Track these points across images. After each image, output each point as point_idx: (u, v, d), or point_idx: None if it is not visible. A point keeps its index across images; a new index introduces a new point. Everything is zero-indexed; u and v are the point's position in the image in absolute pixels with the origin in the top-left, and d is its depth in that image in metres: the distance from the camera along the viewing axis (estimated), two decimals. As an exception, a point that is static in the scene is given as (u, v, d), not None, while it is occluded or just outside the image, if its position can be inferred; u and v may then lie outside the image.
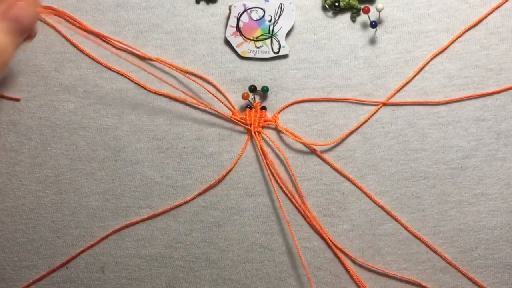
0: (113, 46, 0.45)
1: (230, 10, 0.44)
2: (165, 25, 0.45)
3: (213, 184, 0.44)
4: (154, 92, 0.45)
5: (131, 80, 0.45)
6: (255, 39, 0.44)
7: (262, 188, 0.44)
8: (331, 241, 0.44)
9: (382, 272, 0.44)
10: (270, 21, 0.44)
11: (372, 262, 0.44)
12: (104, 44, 0.45)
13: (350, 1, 0.44)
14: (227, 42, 0.45)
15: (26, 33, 0.37)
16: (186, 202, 0.44)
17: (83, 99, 0.45)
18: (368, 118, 0.44)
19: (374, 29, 0.44)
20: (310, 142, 0.44)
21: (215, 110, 0.44)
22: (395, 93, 0.44)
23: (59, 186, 0.45)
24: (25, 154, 0.45)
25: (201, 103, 0.44)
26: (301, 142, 0.44)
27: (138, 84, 0.45)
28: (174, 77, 0.45)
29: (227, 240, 0.44)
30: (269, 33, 0.44)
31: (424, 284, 0.43)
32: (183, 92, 0.44)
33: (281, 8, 0.44)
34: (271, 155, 0.44)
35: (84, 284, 0.45)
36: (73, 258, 0.45)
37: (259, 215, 0.44)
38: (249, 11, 0.44)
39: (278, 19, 0.44)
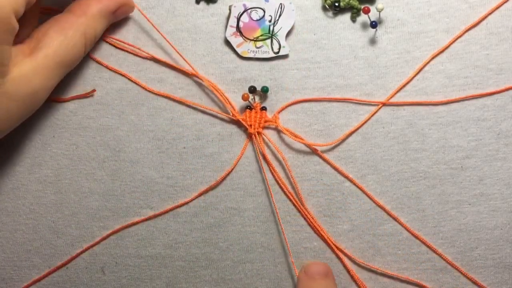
0: (114, 46, 0.45)
1: (230, 10, 0.44)
2: (165, 25, 0.45)
3: (214, 185, 0.44)
4: (154, 93, 0.45)
5: (131, 80, 0.45)
6: (255, 39, 0.44)
7: (262, 188, 0.44)
8: (331, 241, 0.44)
9: (382, 273, 0.44)
10: (270, 21, 0.44)
11: (372, 263, 0.44)
12: (104, 44, 0.45)
13: (350, 1, 0.44)
14: (227, 42, 0.45)
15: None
16: (186, 203, 0.44)
17: (83, 99, 0.45)
18: (368, 118, 0.44)
19: (374, 29, 0.44)
20: (311, 143, 0.44)
21: (214, 111, 0.44)
22: (395, 93, 0.44)
23: (59, 186, 0.45)
24: (25, 154, 0.45)
25: (201, 104, 0.44)
26: (302, 142, 0.44)
27: (138, 84, 0.45)
28: (174, 77, 0.45)
29: (227, 240, 0.44)
30: (269, 33, 0.44)
31: (424, 284, 0.43)
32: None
33: (281, 8, 0.44)
34: (271, 156, 0.44)
35: (84, 284, 0.45)
36: (73, 258, 0.45)
37: (259, 215, 0.44)
38: (249, 11, 0.44)
39: (278, 19, 0.44)
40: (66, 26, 0.39)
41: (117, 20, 0.44)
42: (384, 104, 0.44)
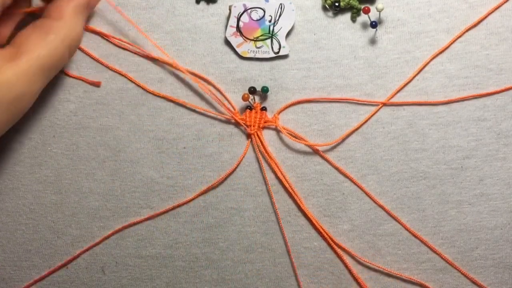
0: (115, 45, 0.45)
1: (230, 10, 0.44)
2: (165, 25, 0.45)
3: (214, 184, 0.44)
4: (154, 94, 0.45)
5: (131, 80, 0.45)
6: (255, 39, 0.44)
7: (262, 188, 0.44)
8: (333, 240, 0.44)
9: (384, 272, 0.44)
10: (270, 21, 0.44)
11: (373, 262, 0.44)
12: (104, 44, 0.45)
13: (350, 1, 0.44)
14: (227, 42, 0.45)
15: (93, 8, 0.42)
16: (187, 202, 0.44)
17: (83, 99, 0.45)
18: (369, 118, 0.44)
19: (374, 29, 0.44)
20: (311, 143, 0.44)
21: (214, 113, 0.44)
22: (395, 93, 0.44)
23: (59, 186, 0.45)
24: (25, 154, 0.45)
25: (201, 107, 0.44)
26: (301, 143, 0.44)
27: (138, 85, 0.45)
28: (174, 78, 0.45)
29: (227, 240, 0.44)
30: (269, 33, 0.44)
31: (426, 284, 0.43)
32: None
33: (281, 8, 0.44)
34: (271, 156, 0.44)
35: (85, 284, 0.45)
36: (74, 258, 0.45)
37: (260, 215, 0.44)
38: (249, 11, 0.44)
39: (278, 19, 0.44)
40: (47, 30, 0.38)
41: (92, 11, 0.44)
42: (384, 104, 0.44)
